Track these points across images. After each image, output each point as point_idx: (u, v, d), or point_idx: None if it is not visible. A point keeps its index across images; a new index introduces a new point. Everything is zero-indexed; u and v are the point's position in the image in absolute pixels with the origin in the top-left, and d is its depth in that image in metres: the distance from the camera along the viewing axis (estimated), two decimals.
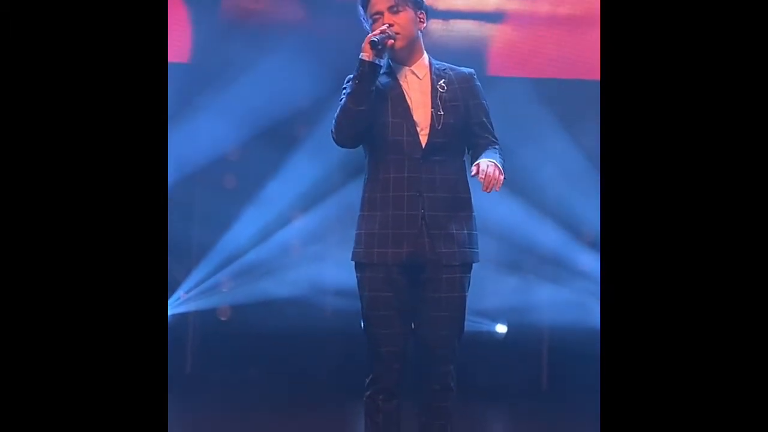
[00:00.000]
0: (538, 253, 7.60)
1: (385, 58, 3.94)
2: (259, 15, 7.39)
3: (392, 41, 3.91)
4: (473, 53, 7.33)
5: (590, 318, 6.93)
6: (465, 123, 3.99)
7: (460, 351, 4.00)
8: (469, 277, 3.99)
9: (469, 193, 3.99)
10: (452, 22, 7.42)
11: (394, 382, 3.92)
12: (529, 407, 7.25)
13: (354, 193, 4.21)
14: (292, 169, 7.37)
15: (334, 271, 7.19)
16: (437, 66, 4.05)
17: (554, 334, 7.62)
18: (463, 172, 4.00)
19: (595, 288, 6.66)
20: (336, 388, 7.06)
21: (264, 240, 7.51)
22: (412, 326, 3.97)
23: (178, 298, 7.49)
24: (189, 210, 7.44)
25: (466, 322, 4.01)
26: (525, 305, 7.57)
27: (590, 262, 7.35)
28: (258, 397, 7.21)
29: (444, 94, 3.97)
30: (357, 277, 3.98)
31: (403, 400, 3.97)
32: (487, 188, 3.79)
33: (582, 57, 7.30)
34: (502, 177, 3.82)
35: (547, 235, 7.55)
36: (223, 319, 7.72)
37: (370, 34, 3.89)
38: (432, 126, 3.93)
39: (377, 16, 3.96)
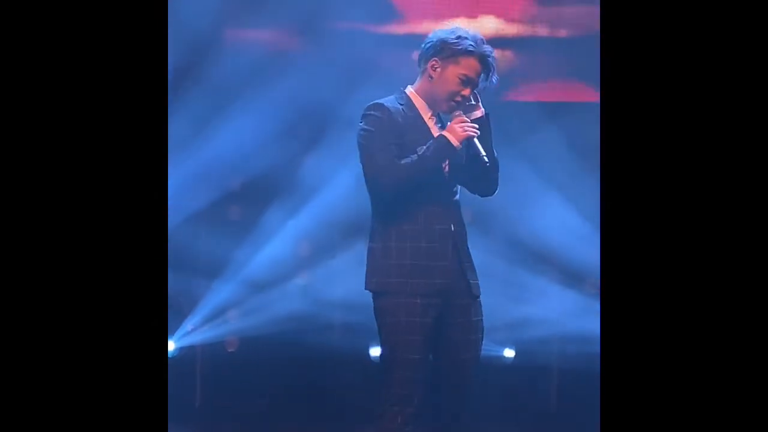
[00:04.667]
0: (545, 273, 7.60)
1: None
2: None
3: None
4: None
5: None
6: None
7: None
8: None
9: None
10: None
11: (413, 409, 3.97)
12: (539, 428, 7.24)
13: (363, 218, 4.22)
14: (297, 198, 7.38)
15: (342, 299, 7.20)
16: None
17: (563, 355, 7.61)
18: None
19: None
20: (348, 416, 7.05)
21: (270, 269, 7.51)
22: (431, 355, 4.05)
23: (186, 331, 7.49)
24: (194, 241, 7.45)
25: None
26: (532, 326, 7.56)
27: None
28: (268, 428, 7.20)
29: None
30: (377, 305, 4.03)
31: (423, 426, 4.03)
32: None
33: (580, 78, 7.34)
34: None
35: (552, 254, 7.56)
36: (230, 350, 7.72)
37: (466, 126, 3.96)
38: (452, 165, 4.05)
39: (464, 77, 4.00)
